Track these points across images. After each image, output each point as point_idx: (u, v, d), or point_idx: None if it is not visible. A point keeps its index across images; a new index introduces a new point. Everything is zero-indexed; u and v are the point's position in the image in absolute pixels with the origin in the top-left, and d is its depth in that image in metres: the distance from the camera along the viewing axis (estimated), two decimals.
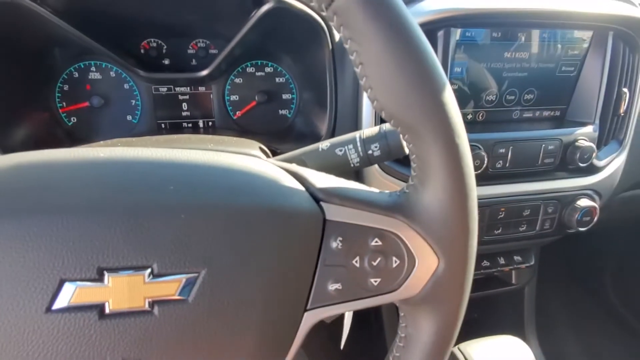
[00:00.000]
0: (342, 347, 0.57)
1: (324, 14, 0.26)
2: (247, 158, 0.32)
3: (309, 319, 0.31)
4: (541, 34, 0.65)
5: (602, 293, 1.21)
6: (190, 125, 0.75)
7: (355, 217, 0.31)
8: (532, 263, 0.89)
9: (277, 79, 0.76)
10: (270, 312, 0.30)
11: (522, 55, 0.66)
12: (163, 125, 0.74)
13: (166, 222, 0.27)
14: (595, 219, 0.71)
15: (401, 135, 0.30)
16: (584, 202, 0.71)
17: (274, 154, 0.61)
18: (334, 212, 0.31)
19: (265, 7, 0.55)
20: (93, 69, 0.68)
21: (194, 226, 0.28)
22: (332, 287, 0.31)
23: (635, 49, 0.68)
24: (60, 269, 0.25)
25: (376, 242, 0.32)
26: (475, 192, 0.31)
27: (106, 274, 0.26)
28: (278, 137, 0.76)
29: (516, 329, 1.02)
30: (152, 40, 0.70)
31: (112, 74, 0.69)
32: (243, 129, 0.76)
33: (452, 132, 0.28)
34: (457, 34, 0.60)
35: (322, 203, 0.31)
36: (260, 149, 0.51)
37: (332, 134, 0.64)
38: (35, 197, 0.26)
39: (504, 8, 0.60)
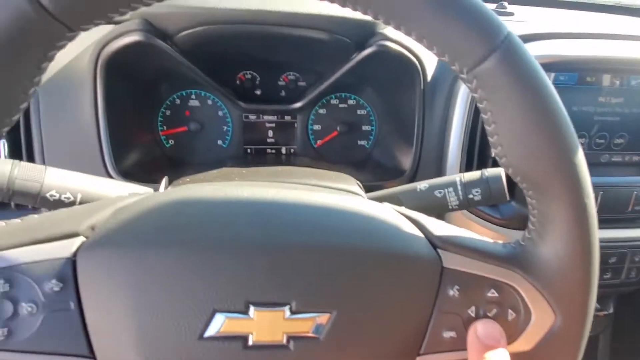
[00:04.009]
0: None
1: (462, 76, 0.28)
2: (372, 203, 0.35)
3: None
4: (636, 78, 0.64)
5: None
6: (273, 151, 0.79)
7: (472, 267, 0.32)
8: (611, 311, 0.85)
9: (358, 111, 0.79)
10: (386, 354, 0.32)
11: (616, 100, 0.64)
12: (249, 150, 0.78)
13: (304, 261, 0.29)
14: None
15: (525, 188, 0.31)
16: None
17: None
18: (451, 260, 0.32)
19: (367, 51, 0.59)
20: (193, 96, 0.75)
21: (328, 267, 0.30)
22: (447, 334, 0.32)
23: None
24: (214, 300, 0.28)
25: (492, 293, 0.32)
26: (598, 252, 0.31)
27: (252, 308, 0.28)
28: (356, 166, 0.78)
29: None
30: (248, 72, 0.75)
31: (209, 101, 0.75)
32: (322, 157, 0.79)
33: (582, 192, 0.29)
34: (550, 77, 0.61)
35: (439, 250, 0.33)
36: (357, 184, 0.53)
37: (416, 169, 0.65)
38: (196, 231, 0.30)
39: (596, 56, 0.60)
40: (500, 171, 0.45)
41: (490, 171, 0.45)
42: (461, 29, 0.26)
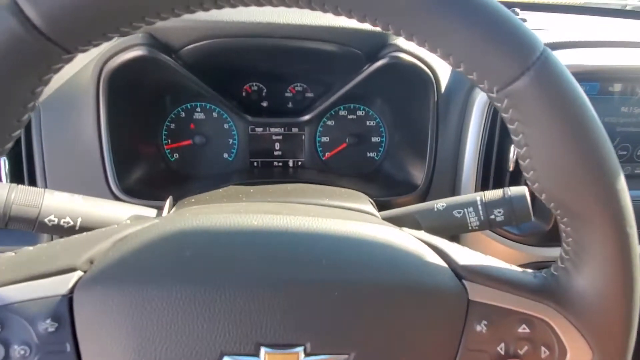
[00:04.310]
0: None
1: (493, 95, 0.26)
2: (390, 230, 0.32)
3: None
4: None
5: None
6: (280, 164, 0.77)
7: (500, 299, 0.30)
8: None
9: (367, 122, 0.76)
10: None
11: (639, 110, 0.62)
12: (255, 164, 0.76)
13: (320, 299, 0.27)
14: None
15: (559, 215, 0.28)
16: None
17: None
18: (478, 292, 0.30)
19: (379, 63, 0.56)
20: (198, 109, 0.73)
21: (344, 304, 0.28)
22: None
23: None
24: (222, 342, 0.26)
25: (524, 328, 0.30)
26: None
27: (263, 350, 0.26)
28: (365, 179, 0.76)
29: None
30: (254, 84, 0.73)
31: (215, 114, 0.73)
32: (331, 170, 0.77)
33: (624, 221, 0.27)
34: None
35: (465, 281, 0.30)
36: (370, 202, 0.51)
37: (429, 184, 0.63)
38: (203, 266, 0.27)
39: (618, 65, 0.58)
40: (524, 190, 0.42)
41: (513, 190, 0.43)
42: (493, 44, 0.24)
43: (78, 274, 0.27)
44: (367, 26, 0.59)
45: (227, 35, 0.54)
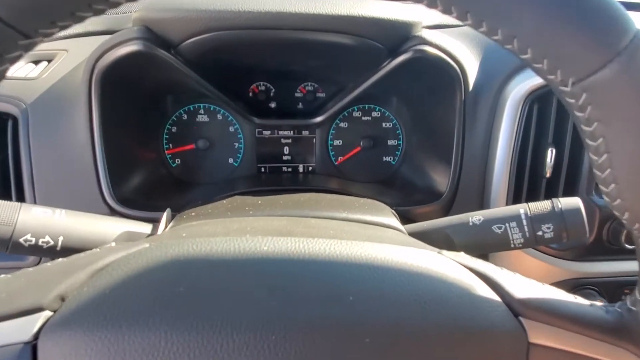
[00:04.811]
0: None
1: (566, 89, 0.20)
2: (426, 254, 0.27)
3: None
4: None
5: None
6: (290, 170, 0.72)
7: (567, 342, 0.24)
8: None
9: (383, 124, 0.71)
10: None
11: None
12: (263, 169, 0.71)
13: (348, 345, 0.22)
14: None
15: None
16: None
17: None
18: (540, 333, 0.24)
19: (402, 57, 0.51)
20: (202, 111, 0.68)
21: (377, 352, 0.22)
22: None
23: None
24: None
25: None
26: None
27: None
28: (381, 185, 0.70)
29: None
30: (262, 83, 0.68)
31: (219, 116, 0.68)
32: (344, 176, 0.72)
33: None
34: None
35: (523, 319, 0.25)
36: (393, 214, 0.45)
37: (454, 192, 0.57)
38: (196, 306, 0.22)
39: None
40: (578, 202, 0.37)
41: (564, 202, 0.37)
42: (571, 23, 0.19)
43: (45, 314, 0.22)
44: (389, 16, 0.54)
45: (230, 27, 0.48)
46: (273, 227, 0.33)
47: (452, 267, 0.26)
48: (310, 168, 0.72)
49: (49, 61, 0.59)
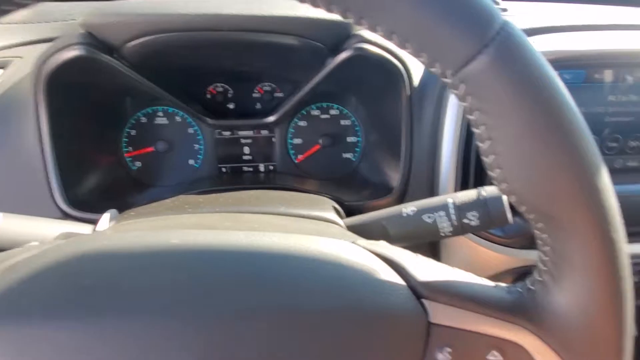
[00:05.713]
0: None
1: (447, 80, 0.22)
2: (335, 242, 0.27)
3: None
4: None
5: None
6: (251, 169, 0.72)
7: (467, 321, 0.25)
8: (635, 334, 0.77)
9: (342, 122, 0.72)
10: None
11: (629, 98, 0.57)
12: (224, 170, 0.72)
13: (250, 330, 0.23)
14: None
15: (533, 220, 0.24)
16: None
17: (341, 205, 0.56)
18: (441, 314, 0.25)
19: (342, 56, 0.52)
20: (160, 114, 0.68)
21: (281, 334, 0.23)
22: None
23: None
24: None
25: (494, 355, 0.25)
26: (632, 298, 0.24)
27: None
28: (341, 182, 0.71)
29: None
30: (219, 85, 0.68)
31: (178, 118, 0.69)
32: (305, 174, 0.72)
33: (608, 225, 0.22)
34: None
35: (424, 301, 0.26)
36: (334, 208, 0.46)
37: (405, 185, 0.58)
38: (101, 298, 0.23)
39: (605, 50, 0.53)
40: None
41: (488, 190, 0.38)
42: (441, 17, 0.20)
43: None
44: (327, 15, 0.55)
45: (168, 29, 0.49)
46: (200, 223, 0.33)
47: (360, 254, 0.27)
48: (271, 167, 0.73)
49: (3, 68, 0.59)
